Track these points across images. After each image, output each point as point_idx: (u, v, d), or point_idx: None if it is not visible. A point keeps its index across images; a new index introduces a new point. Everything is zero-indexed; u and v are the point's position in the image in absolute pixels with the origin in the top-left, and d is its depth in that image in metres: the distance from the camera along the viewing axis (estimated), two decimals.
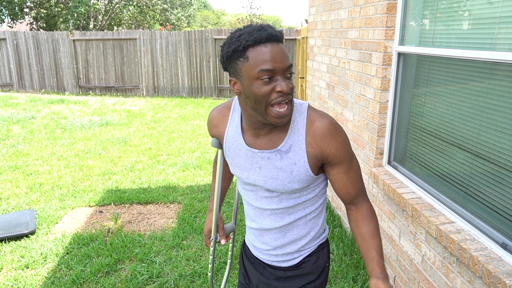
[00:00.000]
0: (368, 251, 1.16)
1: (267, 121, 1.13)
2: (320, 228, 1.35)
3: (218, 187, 1.50)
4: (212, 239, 1.53)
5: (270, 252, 1.35)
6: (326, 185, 1.33)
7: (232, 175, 1.61)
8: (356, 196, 1.24)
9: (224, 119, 1.31)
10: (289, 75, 1.09)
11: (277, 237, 1.32)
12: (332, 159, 1.19)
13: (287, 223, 1.29)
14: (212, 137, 1.38)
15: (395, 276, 2.51)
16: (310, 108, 1.22)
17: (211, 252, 1.61)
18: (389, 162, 2.72)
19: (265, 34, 1.05)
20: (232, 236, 1.71)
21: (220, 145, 1.36)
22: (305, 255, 1.35)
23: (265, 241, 1.34)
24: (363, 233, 1.20)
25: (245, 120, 1.22)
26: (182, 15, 20.51)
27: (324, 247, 1.39)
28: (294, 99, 1.23)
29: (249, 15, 21.23)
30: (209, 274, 1.68)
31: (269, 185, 1.23)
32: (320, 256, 1.37)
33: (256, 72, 1.05)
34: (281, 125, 1.19)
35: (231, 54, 1.09)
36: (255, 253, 1.41)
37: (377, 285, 1.09)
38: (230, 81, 1.14)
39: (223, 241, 1.54)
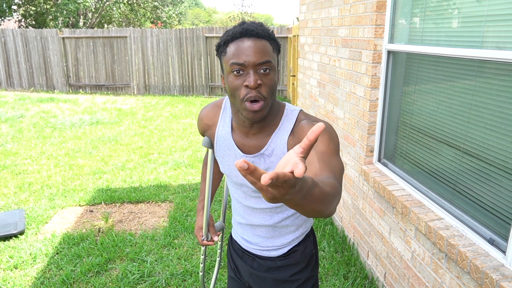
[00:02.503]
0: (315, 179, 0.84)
1: (245, 117, 1.12)
2: (308, 221, 1.39)
3: (209, 187, 1.50)
4: (204, 238, 1.53)
5: (260, 244, 1.37)
6: None
7: (221, 175, 1.62)
8: (327, 173, 0.95)
9: (215, 117, 1.31)
10: (263, 70, 1.07)
11: (267, 230, 1.34)
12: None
13: (277, 221, 1.31)
14: (203, 135, 1.38)
15: (385, 273, 2.53)
16: (301, 113, 1.20)
17: (202, 252, 1.61)
18: (379, 160, 2.74)
19: (240, 29, 1.08)
20: (220, 234, 1.71)
21: (211, 145, 1.35)
22: (293, 245, 1.37)
23: (257, 234, 1.36)
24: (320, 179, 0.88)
25: (234, 118, 1.22)
26: (173, 13, 20.39)
27: (309, 235, 1.42)
28: (287, 104, 1.23)
29: (241, 13, 21.19)
30: (201, 273, 1.67)
31: None
32: (307, 244, 1.39)
33: (229, 65, 1.08)
34: (259, 123, 1.16)
35: (217, 49, 1.13)
36: (245, 245, 1.42)
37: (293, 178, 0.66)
38: (221, 76, 1.17)
39: (215, 238, 1.54)
